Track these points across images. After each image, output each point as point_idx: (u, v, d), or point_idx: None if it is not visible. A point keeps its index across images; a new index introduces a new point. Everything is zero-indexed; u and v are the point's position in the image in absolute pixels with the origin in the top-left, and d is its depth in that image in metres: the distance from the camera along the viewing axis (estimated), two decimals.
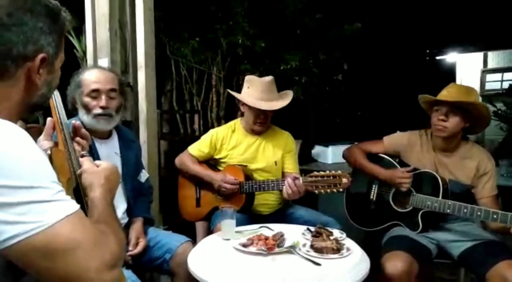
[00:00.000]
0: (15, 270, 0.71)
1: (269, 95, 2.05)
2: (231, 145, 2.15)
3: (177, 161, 2.23)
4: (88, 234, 0.67)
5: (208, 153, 2.17)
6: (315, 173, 1.83)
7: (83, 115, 1.61)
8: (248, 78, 2.15)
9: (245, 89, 2.12)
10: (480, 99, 1.78)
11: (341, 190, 1.79)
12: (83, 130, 1.06)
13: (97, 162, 0.97)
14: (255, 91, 2.05)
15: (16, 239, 0.61)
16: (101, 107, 1.59)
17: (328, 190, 1.78)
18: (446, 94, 1.77)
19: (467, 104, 1.72)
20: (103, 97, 1.60)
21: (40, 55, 0.74)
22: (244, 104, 2.11)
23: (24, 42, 0.71)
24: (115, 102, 1.64)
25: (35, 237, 0.62)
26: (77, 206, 0.68)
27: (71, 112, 1.67)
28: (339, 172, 1.79)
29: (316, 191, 1.81)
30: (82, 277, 0.65)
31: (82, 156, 0.98)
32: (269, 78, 2.09)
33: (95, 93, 1.60)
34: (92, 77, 1.62)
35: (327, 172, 1.81)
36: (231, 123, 2.25)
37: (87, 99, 1.60)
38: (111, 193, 0.89)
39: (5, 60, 0.70)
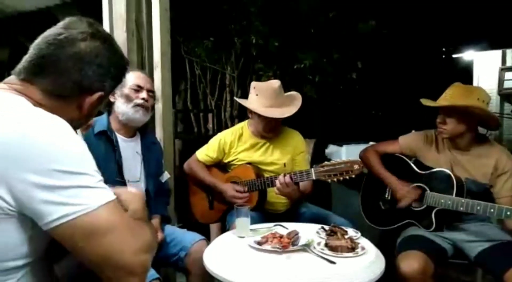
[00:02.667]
0: (54, 253, 0.79)
1: (279, 100, 2.03)
2: (239, 149, 2.15)
3: (186, 166, 2.25)
4: (125, 220, 0.76)
5: (216, 158, 2.18)
6: (326, 162, 1.84)
7: (121, 105, 1.69)
8: (255, 85, 2.10)
9: (253, 96, 2.07)
10: (484, 98, 1.73)
11: (353, 176, 1.79)
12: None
13: (127, 188, 1.04)
14: (264, 99, 2.02)
15: (66, 218, 0.69)
16: (142, 99, 1.71)
17: (341, 178, 1.79)
18: (442, 97, 1.80)
19: (458, 107, 1.72)
20: (145, 92, 1.73)
21: (100, 93, 0.89)
22: (253, 111, 2.08)
23: (96, 79, 0.87)
24: (151, 101, 1.78)
25: (81, 218, 0.70)
26: (114, 195, 0.76)
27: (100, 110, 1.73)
28: (350, 158, 1.81)
29: (329, 180, 1.81)
30: (119, 257, 0.72)
31: None
32: (276, 83, 2.05)
33: (138, 88, 1.72)
34: (136, 75, 1.75)
35: (338, 160, 1.83)
36: (238, 126, 2.24)
37: (129, 92, 1.70)
38: (145, 210, 0.95)
39: (75, 87, 0.85)
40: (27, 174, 0.68)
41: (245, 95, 3.75)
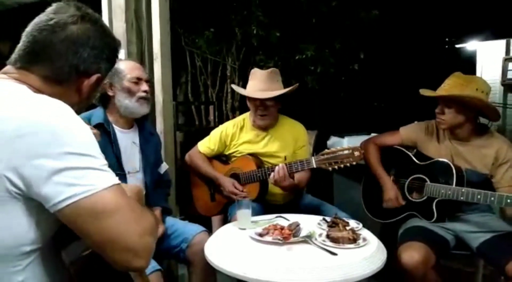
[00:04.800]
0: (61, 239, 0.80)
1: (269, 85, 2.03)
2: (240, 141, 2.15)
3: (187, 158, 2.26)
4: (130, 202, 0.77)
5: (218, 150, 2.18)
6: (327, 150, 1.83)
7: (124, 100, 1.69)
8: (252, 71, 2.14)
9: (248, 82, 2.12)
10: (483, 88, 1.71)
11: (354, 163, 1.78)
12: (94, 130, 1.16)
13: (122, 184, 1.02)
14: (255, 82, 2.05)
15: (73, 199, 0.71)
16: (144, 91, 1.71)
17: (342, 165, 1.78)
18: (440, 87, 1.78)
19: (455, 97, 1.70)
20: (144, 83, 1.73)
21: (97, 75, 0.91)
22: (247, 98, 2.11)
23: (91, 62, 0.88)
24: (150, 90, 1.78)
25: (88, 198, 0.71)
26: (118, 180, 0.78)
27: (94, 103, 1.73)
28: (350, 145, 1.80)
29: (330, 168, 1.80)
30: (125, 239, 0.73)
31: None
32: (270, 69, 2.08)
33: (137, 80, 1.71)
34: (131, 66, 1.74)
35: (338, 147, 1.82)
36: (240, 119, 2.24)
37: (129, 85, 1.69)
38: (143, 203, 0.95)
39: (72, 71, 0.87)
40: (37, 159, 0.70)
41: (245, 87, 3.74)
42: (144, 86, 1.72)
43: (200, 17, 3.56)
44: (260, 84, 2.03)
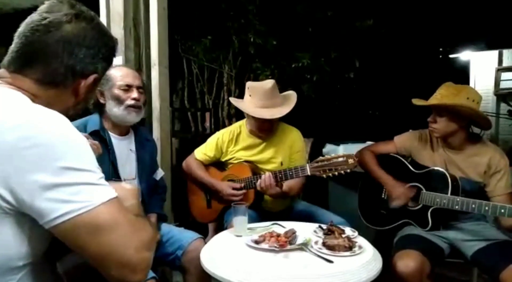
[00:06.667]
0: (56, 251, 0.79)
1: (272, 101, 2.00)
2: (236, 148, 2.15)
3: (184, 165, 2.26)
4: (127, 217, 0.74)
5: (214, 156, 2.18)
6: (321, 157, 1.83)
7: (113, 108, 1.65)
8: (249, 85, 2.09)
9: (246, 97, 2.07)
10: (474, 97, 1.74)
11: (348, 171, 1.78)
12: (91, 140, 1.12)
13: (121, 183, 1.01)
14: (256, 99, 2.01)
15: (69, 215, 0.68)
16: (133, 99, 1.66)
17: (336, 173, 1.78)
18: (432, 97, 1.81)
19: (447, 106, 1.72)
20: (135, 90, 1.67)
21: (94, 76, 0.88)
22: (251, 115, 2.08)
23: (88, 62, 0.86)
24: (143, 98, 1.72)
25: (84, 215, 0.69)
26: (115, 193, 0.75)
27: (89, 110, 1.72)
28: (345, 153, 1.80)
29: (324, 175, 1.80)
30: (121, 254, 0.71)
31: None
32: (270, 83, 2.02)
33: (127, 87, 1.67)
34: (123, 72, 1.69)
35: (333, 154, 1.82)
36: (236, 125, 2.24)
37: (118, 92, 1.65)
38: (140, 206, 0.94)
39: (68, 72, 0.84)
40: (33, 174, 0.67)
41: (242, 94, 3.74)
42: (134, 94, 1.66)
43: (197, 24, 3.58)
44: (264, 101, 1.99)
